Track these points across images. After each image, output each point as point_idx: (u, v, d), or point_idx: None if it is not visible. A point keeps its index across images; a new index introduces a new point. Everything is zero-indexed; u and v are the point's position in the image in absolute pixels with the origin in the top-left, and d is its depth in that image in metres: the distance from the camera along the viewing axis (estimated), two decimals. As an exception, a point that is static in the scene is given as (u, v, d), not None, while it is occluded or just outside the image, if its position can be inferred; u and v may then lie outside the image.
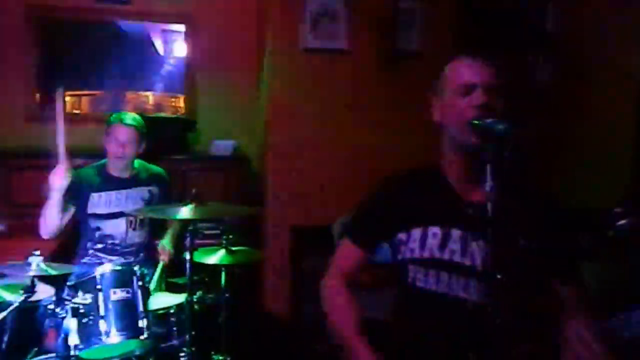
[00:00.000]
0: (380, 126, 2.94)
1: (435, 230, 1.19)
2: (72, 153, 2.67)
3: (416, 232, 1.21)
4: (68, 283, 1.72)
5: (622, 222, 2.14)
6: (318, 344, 2.44)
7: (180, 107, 3.31)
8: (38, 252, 1.64)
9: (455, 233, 1.17)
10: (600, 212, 2.24)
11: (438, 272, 1.18)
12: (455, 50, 1.29)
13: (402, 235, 1.24)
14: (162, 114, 3.30)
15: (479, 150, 1.05)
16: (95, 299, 1.69)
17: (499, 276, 1.09)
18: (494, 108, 1.10)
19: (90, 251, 2.21)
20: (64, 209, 2.08)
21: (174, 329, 1.98)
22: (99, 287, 1.70)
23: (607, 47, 3.04)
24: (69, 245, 2.28)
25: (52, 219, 2.04)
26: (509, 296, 1.09)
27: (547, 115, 3.24)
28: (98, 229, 2.21)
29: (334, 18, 2.90)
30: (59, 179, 1.97)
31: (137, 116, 2.28)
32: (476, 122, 1.07)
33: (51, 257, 1.86)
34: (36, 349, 1.79)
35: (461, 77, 1.16)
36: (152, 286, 2.00)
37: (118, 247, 2.23)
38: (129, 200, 2.24)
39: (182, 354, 1.92)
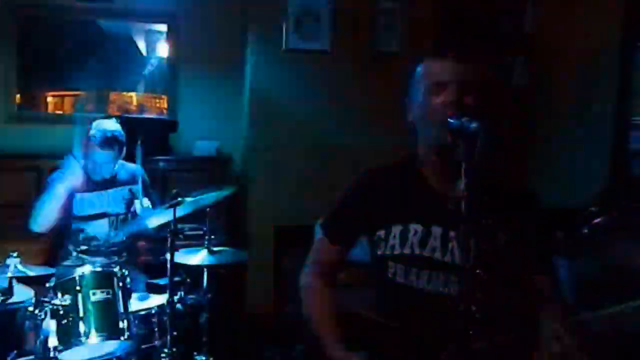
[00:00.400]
0: (362, 126, 2.97)
1: (416, 227, 1.20)
2: (55, 154, 2.68)
3: (396, 229, 1.22)
4: (47, 285, 1.72)
5: (597, 220, 2.20)
6: (301, 344, 2.46)
7: (164, 107, 3.30)
8: (16, 254, 1.63)
9: (436, 230, 1.18)
10: (577, 212, 2.30)
11: (419, 269, 1.19)
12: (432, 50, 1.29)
13: (381, 233, 1.24)
14: (144, 115, 3.29)
15: (453, 149, 1.05)
16: (75, 300, 1.69)
17: (478, 271, 1.10)
18: (466, 105, 1.11)
19: (74, 253, 2.20)
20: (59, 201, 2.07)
21: (156, 330, 1.98)
22: (78, 288, 1.70)
23: (585, 48, 3.11)
24: (52, 247, 2.27)
25: (51, 211, 2.04)
26: (487, 290, 1.10)
27: (525, 115, 3.31)
28: (81, 230, 2.20)
29: (317, 19, 2.92)
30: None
31: (115, 128, 2.17)
32: (450, 121, 1.07)
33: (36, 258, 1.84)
34: (16, 351, 1.78)
35: (432, 75, 1.16)
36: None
37: (102, 248, 2.23)
38: (111, 200, 2.24)
39: (164, 355, 1.93)
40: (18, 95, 3.12)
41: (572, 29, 3.15)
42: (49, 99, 3.30)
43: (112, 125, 2.19)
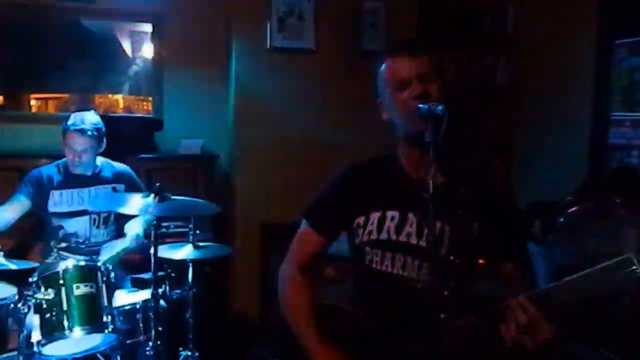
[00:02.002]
0: (346, 124, 3.01)
1: (393, 213, 1.26)
2: (39, 154, 2.69)
3: (374, 216, 1.27)
4: (30, 279, 1.72)
5: (573, 209, 2.26)
6: (286, 342, 2.48)
7: (151, 110, 3.31)
8: (-1, 247, 1.65)
9: (412, 216, 1.24)
10: (555, 204, 2.35)
11: (394, 254, 1.24)
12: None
13: (360, 220, 1.29)
14: (130, 114, 3.30)
15: (425, 136, 1.11)
16: (58, 294, 1.69)
17: (451, 257, 1.18)
18: (431, 94, 1.19)
19: (55, 250, 2.21)
20: (13, 205, 2.10)
21: (141, 325, 1.99)
22: (61, 282, 1.70)
23: (563, 47, 3.19)
24: (27, 243, 2.27)
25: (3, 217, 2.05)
26: (459, 276, 1.17)
27: (507, 114, 3.38)
28: (60, 227, 2.21)
29: (301, 18, 2.97)
30: None
31: (93, 118, 2.20)
32: (419, 106, 1.14)
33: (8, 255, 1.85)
34: (-2, 347, 1.78)
35: (396, 74, 1.24)
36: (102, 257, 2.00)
37: (82, 246, 2.23)
38: (92, 198, 2.23)
39: (148, 349, 1.94)
40: (1, 97, 3.12)
41: (550, 28, 3.23)
42: (33, 102, 3.29)
43: (90, 115, 2.21)
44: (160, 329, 1.94)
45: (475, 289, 1.29)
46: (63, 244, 2.20)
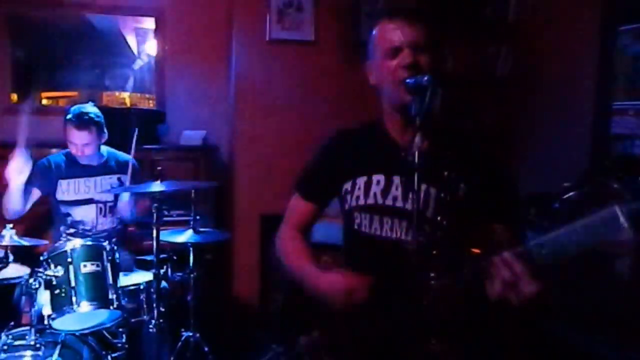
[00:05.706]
0: (345, 115, 3.13)
1: (379, 177, 1.32)
2: (48, 144, 2.89)
3: (361, 181, 1.34)
4: (41, 258, 1.93)
5: (569, 194, 2.38)
6: (283, 329, 2.64)
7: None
8: (11, 226, 1.85)
9: (397, 180, 1.30)
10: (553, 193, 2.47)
11: (382, 218, 1.30)
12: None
13: (347, 185, 1.36)
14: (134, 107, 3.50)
15: (411, 107, 1.16)
16: (67, 271, 1.89)
17: (439, 218, 1.24)
18: (421, 65, 1.21)
19: (63, 235, 2.41)
20: (26, 195, 2.26)
21: (144, 305, 2.18)
22: (69, 260, 1.90)
23: (566, 35, 3.29)
24: (39, 229, 2.48)
25: (14, 204, 2.23)
26: (446, 236, 1.23)
27: (509, 104, 3.49)
28: (68, 214, 2.40)
29: (300, 9, 3.12)
30: (16, 173, 2.11)
31: (91, 110, 2.34)
32: (407, 81, 1.18)
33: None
34: (13, 323, 1.98)
35: (388, 40, 1.26)
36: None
37: (89, 233, 2.41)
38: (98, 187, 2.42)
39: (152, 327, 2.13)
40: (15, 96, 3.33)
41: (553, 16, 3.32)
42: (44, 101, 3.48)
43: (88, 108, 2.36)
44: (162, 309, 2.13)
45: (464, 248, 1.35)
46: (71, 230, 2.40)
